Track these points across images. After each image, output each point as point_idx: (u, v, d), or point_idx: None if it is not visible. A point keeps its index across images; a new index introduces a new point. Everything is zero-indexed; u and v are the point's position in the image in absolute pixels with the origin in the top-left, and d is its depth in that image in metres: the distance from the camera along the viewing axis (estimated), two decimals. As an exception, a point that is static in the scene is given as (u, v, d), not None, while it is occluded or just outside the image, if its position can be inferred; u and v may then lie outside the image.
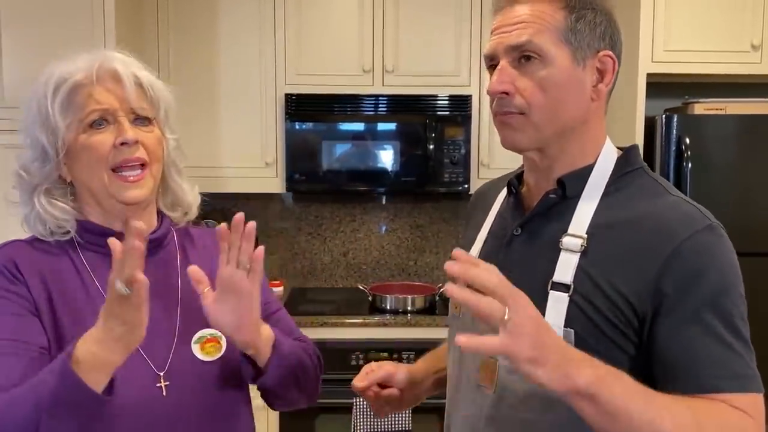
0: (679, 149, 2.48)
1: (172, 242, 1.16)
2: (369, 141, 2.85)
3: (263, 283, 1.18)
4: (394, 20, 2.82)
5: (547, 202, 1.02)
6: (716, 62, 2.58)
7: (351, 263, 3.23)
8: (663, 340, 0.90)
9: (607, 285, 0.92)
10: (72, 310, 1.03)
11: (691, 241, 0.90)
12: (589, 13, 0.99)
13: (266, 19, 2.81)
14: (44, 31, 2.40)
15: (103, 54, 1.06)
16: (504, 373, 0.98)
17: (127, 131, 1.04)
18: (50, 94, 1.03)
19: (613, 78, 1.02)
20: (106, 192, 1.05)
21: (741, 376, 0.88)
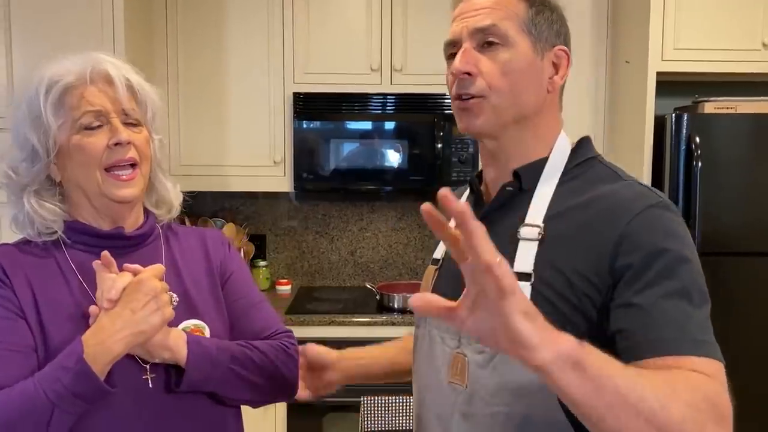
0: (689, 148, 2.47)
1: (158, 239, 1.18)
2: (377, 140, 2.85)
3: (236, 276, 1.23)
4: (402, 19, 2.82)
5: (504, 194, 1.04)
6: (726, 61, 2.56)
7: (358, 262, 3.23)
8: (620, 310, 0.88)
9: (567, 268, 0.93)
10: (57, 311, 1.05)
11: (645, 215, 0.92)
12: (547, 10, 1.04)
13: (274, 18, 2.81)
14: (54, 29, 2.41)
15: (95, 57, 1.08)
16: (475, 368, 0.98)
17: (121, 132, 1.06)
18: (42, 95, 1.04)
19: (566, 72, 1.06)
20: (98, 191, 1.07)
21: (701, 341, 0.86)
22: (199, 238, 1.24)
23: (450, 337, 1.03)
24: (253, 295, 1.23)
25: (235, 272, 1.23)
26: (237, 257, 1.27)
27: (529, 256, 0.96)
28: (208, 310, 1.15)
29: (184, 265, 1.18)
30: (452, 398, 1.02)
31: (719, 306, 2.74)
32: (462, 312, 0.71)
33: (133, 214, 1.14)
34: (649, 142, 2.55)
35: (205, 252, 1.22)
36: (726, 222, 2.49)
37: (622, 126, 2.80)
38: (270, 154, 2.85)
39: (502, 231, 1.00)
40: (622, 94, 2.80)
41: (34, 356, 1.00)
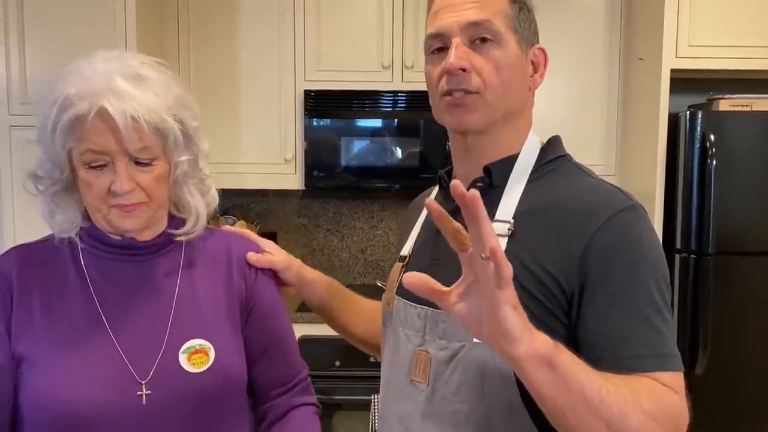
0: (703, 146, 2.44)
1: (179, 247, 1.14)
2: (388, 137, 2.84)
3: (260, 308, 1.17)
4: (413, 16, 2.80)
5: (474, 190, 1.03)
6: (742, 57, 2.53)
7: (369, 260, 3.22)
8: (588, 319, 0.90)
9: (535, 266, 0.93)
10: (56, 319, 1.04)
11: (616, 219, 0.92)
12: (525, 7, 1.04)
13: (286, 16, 2.81)
14: (66, 29, 2.42)
15: (110, 83, 0.99)
16: (437, 365, 0.98)
17: (122, 183, 1.00)
18: (54, 115, 1.00)
19: (545, 71, 1.06)
20: (103, 219, 1.05)
21: (663, 354, 0.89)
22: (226, 249, 1.18)
23: (414, 334, 1.03)
24: (277, 331, 1.18)
25: (258, 298, 1.17)
26: (266, 279, 1.20)
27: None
28: (219, 329, 1.11)
29: (200, 276, 1.13)
30: (414, 397, 1.01)
31: (733, 305, 2.73)
32: (453, 297, 0.76)
33: (148, 232, 1.10)
34: (662, 140, 2.53)
35: (229, 266, 1.16)
36: (741, 221, 2.46)
37: (636, 124, 2.77)
38: (281, 151, 2.85)
39: None
40: (635, 91, 2.78)
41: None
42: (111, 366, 1.02)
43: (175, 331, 1.07)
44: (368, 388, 2.48)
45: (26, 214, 2.46)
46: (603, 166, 2.84)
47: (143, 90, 1.01)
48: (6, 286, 1.05)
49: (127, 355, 1.03)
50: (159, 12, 2.75)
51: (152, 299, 1.08)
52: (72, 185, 1.06)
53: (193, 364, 1.06)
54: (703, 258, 2.45)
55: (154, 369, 1.04)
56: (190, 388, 1.05)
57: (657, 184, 2.54)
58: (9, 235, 2.48)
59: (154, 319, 1.07)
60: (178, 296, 1.09)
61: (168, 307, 1.08)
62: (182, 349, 1.06)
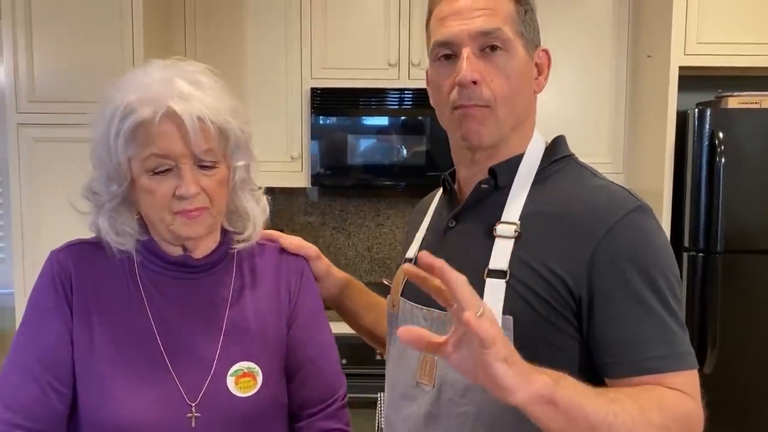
0: (711, 144, 2.42)
1: (231, 264, 1.12)
2: (394, 135, 2.84)
3: (302, 321, 1.14)
4: (419, 13, 2.80)
5: (479, 192, 1.02)
6: (751, 55, 2.52)
7: (375, 258, 3.22)
8: (600, 321, 0.90)
9: (543, 268, 0.92)
10: (111, 324, 1.03)
11: (624, 222, 0.91)
12: (530, 8, 1.02)
13: (292, 14, 2.81)
14: (74, 28, 2.43)
15: (174, 86, 0.98)
16: (443, 367, 0.97)
17: (189, 186, 0.98)
18: (116, 123, 0.98)
19: (549, 73, 1.05)
20: (165, 228, 1.03)
21: (679, 354, 0.89)
22: (275, 267, 1.16)
23: None
24: (317, 342, 1.15)
25: (302, 312, 1.14)
26: (309, 290, 1.17)
27: (504, 254, 0.95)
28: (266, 351, 1.09)
29: (251, 296, 1.11)
30: (419, 399, 1.00)
31: (742, 303, 2.71)
32: (448, 347, 0.76)
33: (207, 240, 1.09)
34: (671, 138, 2.51)
35: (278, 284, 1.14)
36: (749, 219, 2.45)
37: (644, 121, 2.76)
38: (287, 149, 2.85)
39: (478, 229, 1.00)
40: (643, 89, 2.76)
41: (50, 393, 1.00)
42: (162, 385, 1.02)
43: (225, 353, 1.05)
44: (374, 386, 2.48)
45: (34, 211, 2.47)
46: (610, 164, 2.83)
47: (204, 92, 1.00)
48: (67, 282, 1.04)
49: (178, 375, 1.02)
50: (166, 11, 2.75)
51: (204, 319, 1.07)
52: (127, 199, 1.05)
53: (240, 388, 1.04)
54: (711, 256, 2.43)
55: (204, 392, 1.03)
56: (237, 413, 1.04)
57: (665, 182, 2.53)
58: (17, 233, 2.49)
59: (204, 339, 1.05)
60: (228, 316, 1.08)
61: (218, 328, 1.07)
62: (231, 371, 1.05)
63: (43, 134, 2.46)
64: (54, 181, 2.46)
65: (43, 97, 2.44)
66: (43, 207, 2.47)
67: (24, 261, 2.48)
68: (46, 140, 2.46)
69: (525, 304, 0.92)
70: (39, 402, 1.00)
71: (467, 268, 0.93)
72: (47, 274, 1.05)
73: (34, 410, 0.99)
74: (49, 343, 1.02)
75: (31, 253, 2.48)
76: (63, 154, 2.45)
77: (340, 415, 1.15)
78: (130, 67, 2.42)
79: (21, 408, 0.99)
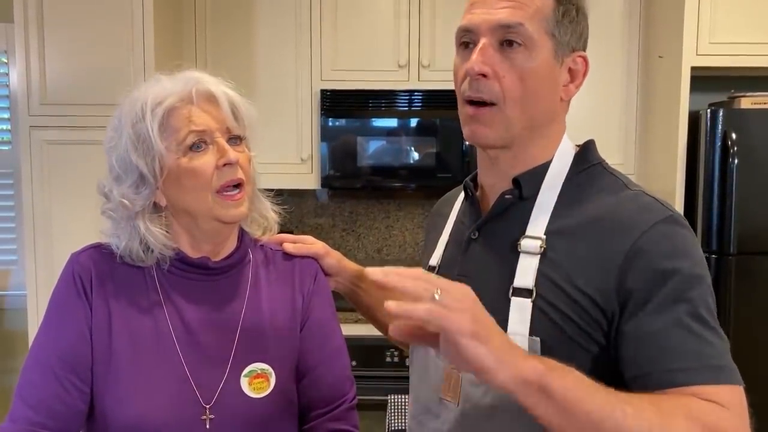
0: (724, 145, 2.40)
1: (248, 266, 1.14)
2: (404, 137, 2.83)
3: (314, 319, 1.14)
4: (429, 15, 2.79)
5: (503, 203, 0.98)
6: (763, 55, 2.49)
7: (385, 259, 3.22)
8: (631, 337, 0.85)
9: (570, 287, 0.88)
10: (130, 329, 1.04)
11: (652, 233, 0.86)
12: (573, 9, 0.95)
13: (302, 16, 2.81)
14: (85, 31, 2.44)
15: (193, 76, 1.05)
16: (467, 385, 0.94)
17: (229, 152, 1.03)
18: (148, 118, 1.01)
19: (583, 81, 0.98)
20: (209, 214, 1.04)
21: (714, 367, 0.82)
22: (289, 270, 1.17)
23: None
24: (328, 346, 1.15)
25: (314, 314, 1.15)
26: (322, 293, 1.18)
27: (530, 271, 0.91)
28: (279, 353, 1.10)
29: (266, 299, 1.12)
30: (444, 415, 0.98)
31: (755, 305, 2.68)
32: (437, 339, 0.75)
33: (231, 237, 1.12)
34: (683, 139, 2.50)
35: (292, 287, 1.15)
36: (763, 220, 2.42)
37: (655, 122, 2.74)
38: (298, 151, 2.85)
39: (501, 242, 0.96)
40: (655, 89, 2.75)
41: (70, 389, 1.01)
42: (178, 386, 1.03)
43: (239, 354, 1.06)
44: (385, 388, 2.47)
45: (46, 213, 2.49)
46: (622, 164, 2.81)
47: (222, 81, 1.08)
48: (87, 280, 1.05)
49: (193, 376, 1.03)
50: (176, 14, 2.76)
51: (219, 321, 1.08)
52: (155, 209, 1.07)
53: (254, 389, 1.05)
54: (724, 258, 2.41)
55: (218, 393, 1.04)
56: (251, 414, 1.05)
57: (677, 183, 2.51)
58: (29, 235, 2.51)
59: (220, 341, 1.06)
60: (244, 318, 1.09)
61: (234, 329, 1.08)
62: (244, 372, 1.06)
63: (54, 137, 2.47)
64: (66, 183, 2.48)
65: (55, 99, 2.46)
66: (55, 209, 2.48)
67: (36, 263, 2.50)
68: (58, 143, 2.47)
69: (552, 325, 0.89)
70: (59, 400, 1.00)
71: (490, 284, 0.93)
72: (67, 274, 1.06)
73: (54, 408, 1.00)
74: (69, 342, 1.03)
75: (43, 254, 2.50)
76: (75, 156, 2.47)
77: (349, 417, 1.15)
78: (141, 71, 2.43)
79: (42, 406, 1.00)
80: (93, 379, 1.03)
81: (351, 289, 1.28)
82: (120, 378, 1.01)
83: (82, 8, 2.44)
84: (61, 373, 1.01)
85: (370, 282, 1.28)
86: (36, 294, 2.50)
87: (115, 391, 1.01)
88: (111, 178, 1.06)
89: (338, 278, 1.26)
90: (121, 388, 1.01)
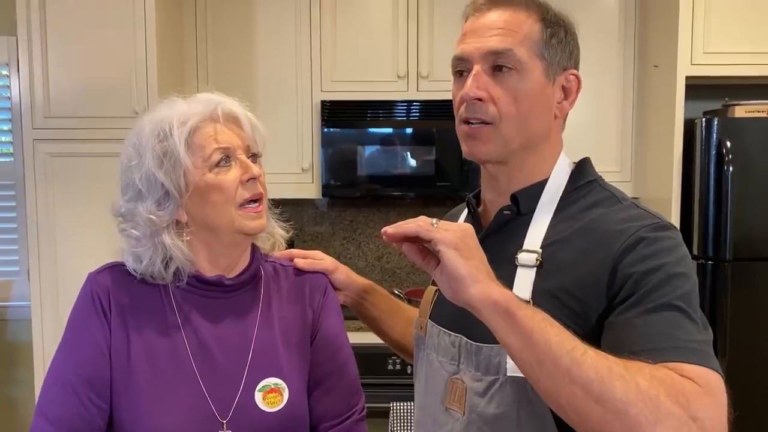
0: (719, 153, 2.44)
1: (259, 283, 1.17)
2: (403, 146, 2.87)
3: (323, 333, 1.17)
4: (428, 26, 2.83)
5: (502, 218, 1.02)
6: (757, 64, 2.53)
7: (385, 267, 3.24)
8: (610, 327, 0.88)
9: (564, 295, 0.92)
10: (147, 347, 1.06)
11: (640, 235, 0.91)
12: (561, 30, 1.01)
13: (302, 27, 2.84)
14: (88, 45, 2.47)
15: (213, 98, 1.10)
16: (472, 395, 0.97)
17: (253, 168, 1.09)
18: (176, 135, 1.05)
19: (576, 97, 1.03)
20: (230, 227, 1.08)
21: (692, 349, 0.81)
22: (299, 285, 1.20)
23: (448, 362, 1.02)
24: (337, 359, 1.17)
25: (323, 328, 1.17)
26: (331, 307, 1.21)
27: (527, 283, 0.95)
28: (292, 368, 1.12)
29: (278, 314, 1.15)
30: (449, 425, 1.00)
31: (751, 311, 2.70)
32: (432, 262, 0.88)
33: (246, 253, 1.15)
34: (678, 148, 2.53)
35: (303, 302, 1.18)
36: (758, 227, 2.46)
37: (651, 130, 2.77)
38: (298, 161, 2.88)
39: (500, 256, 0.99)
40: (650, 98, 2.78)
41: (90, 408, 1.03)
42: (194, 402, 1.05)
43: (253, 369, 1.09)
44: (387, 395, 2.49)
45: (50, 225, 2.51)
46: (618, 172, 2.84)
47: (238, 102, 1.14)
48: (105, 300, 1.07)
49: (209, 391, 1.06)
50: (179, 27, 2.79)
51: (234, 336, 1.10)
52: (176, 225, 1.09)
53: (268, 403, 1.08)
54: (720, 264, 2.45)
55: (234, 408, 1.06)
56: (266, 428, 1.07)
57: (673, 190, 2.55)
58: (33, 247, 2.53)
59: (234, 356, 1.09)
60: (257, 333, 1.11)
61: (248, 345, 1.10)
62: (258, 387, 1.08)
63: (58, 149, 2.50)
64: (69, 196, 2.50)
65: (59, 112, 2.49)
66: (59, 221, 2.51)
67: (41, 275, 2.52)
68: (62, 155, 2.50)
69: None
70: (79, 417, 1.02)
71: None
72: (86, 294, 1.09)
73: (74, 425, 1.02)
74: (88, 360, 1.05)
75: (48, 266, 2.52)
76: (78, 168, 2.50)
77: (358, 428, 1.17)
78: (144, 85, 2.47)
79: (62, 423, 1.02)
80: (112, 396, 1.05)
81: (358, 302, 1.31)
82: (138, 395, 1.03)
83: (85, 22, 2.47)
84: (81, 390, 1.03)
85: (376, 296, 1.32)
86: (41, 305, 2.52)
87: (134, 409, 1.03)
88: (130, 196, 1.08)
89: (346, 292, 1.29)
90: (139, 406, 1.03)
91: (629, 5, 2.83)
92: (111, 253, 1.13)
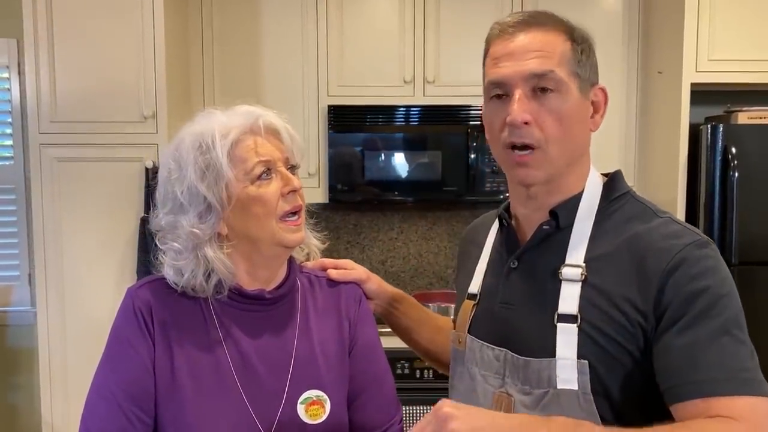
0: (725, 159, 2.48)
1: (296, 296, 1.17)
2: (410, 151, 2.87)
3: (361, 345, 1.17)
4: (434, 31, 2.84)
5: (542, 233, 1.04)
6: (762, 71, 2.57)
7: (389, 271, 3.25)
8: (662, 351, 0.90)
9: (612, 309, 0.94)
10: (190, 361, 1.06)
11: (683, 255, 0.92)
12: (587, 47, 1.03)
13: (308, 32, 2.84)
14: (95, 49, 2.46)
15: (253, 110, 1.10)
16: (521, 408, 0.98)
17: (294, 180, 1.09)
18: (219, 148, 1.04)
19: (605, 111, 1.05)
20: (271, 239, 1.07)
21: (743, 380, 0.87)
22: (335, 296, 1.20)
23: (492, 376, 1.04)
24: (375, 370, 1.18)
25: (360, 339, 1.17)
26: (366, 318, 1.21)
27: (573, 297, 0.96)
28: (332, 379, 1.12)
29: (315, 326, 1.15)
30: None
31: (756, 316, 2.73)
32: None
33: (284, 265, 1.15)
34: (683, 154, 2.56)
35: (338, 313, 1.18)
36: (763, 231, 2.50)
37: (655, 135, 2.80)
38: (305, 165, 2.87)
39: (542, 270, 1.01)
40: (654, 104, 2.81)
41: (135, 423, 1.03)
42: (238, 417, 1.04)
43: (295, 382, 1.09)
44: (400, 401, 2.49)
45: (56, 230, 2.49)
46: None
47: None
48: (147, 315, 1.07)
49: (252, 406, 1.05)
50: (186, 32, 2.78)
51: (275, 350, 1.10)
52: (217, 238, 1.08)
53: (310, 415, 1.08)
54: (725, 268, 2.47)
55: (277, 421, 1.06)
56: None
57: (678, 195, 2.58)
58: (39, 252, 2.51)
59: (275, 369, 1.09)
60: (297, 346, 1.11)
61: (288, 358, 1.10)
62: (300, 399, 1.08)
63: (65, 154, 2.48)
64: (76, 200, 2.48)
65: (65, 117, 2.47)
66: (65, 226, 2.49)
67: (47, 280, 2.50)
68: (68, 160, 2.48)
69: (597, 347, 0.94)
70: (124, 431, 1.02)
71: (535, 311, 0.99)
72: (127, 308, 1.08)
73: None
74: (133, 376, 1.04)
75: (54, 271, 2.50)
76: (85, 173, 2.48)
77: None
78: (152, 89, 2.45)
79: None
80: (156, 411, 1.04)
81: (389, 311, 1.32)
82: (183, 410, 1.03)
83: (92, 26, 2.45)
84: (126, 405, 1.03)
85: (407, 304, 1.33)
86: (46, 310, 2.50)
87: (178, 424, 1.03)
88: (170, 209, 1.08)
89: (377, 301, 1.29)
90: (183, 421, 1.03)
91: (633, 12, 2.86)
92: (116, 258, 1.12)
